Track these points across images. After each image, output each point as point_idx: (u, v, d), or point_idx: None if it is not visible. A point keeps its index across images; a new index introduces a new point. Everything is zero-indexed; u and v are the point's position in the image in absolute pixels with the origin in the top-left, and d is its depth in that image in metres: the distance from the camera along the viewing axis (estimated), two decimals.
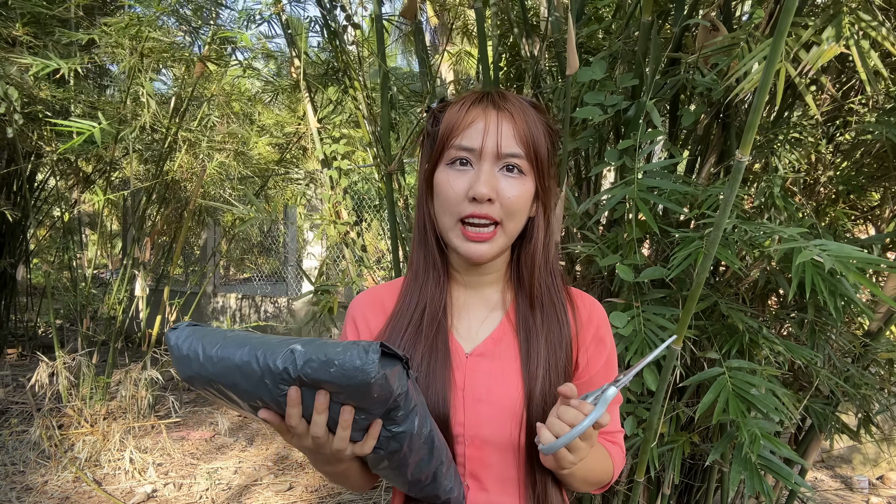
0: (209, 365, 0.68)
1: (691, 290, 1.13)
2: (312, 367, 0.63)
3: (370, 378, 0.62)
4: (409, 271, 0.91)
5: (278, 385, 0.65)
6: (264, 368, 0.64)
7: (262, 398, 0.67)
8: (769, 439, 1.22)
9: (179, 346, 0.71)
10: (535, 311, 0.86)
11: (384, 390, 0.64)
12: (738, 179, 1.01)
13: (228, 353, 0.67)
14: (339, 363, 0.62)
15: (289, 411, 0.66)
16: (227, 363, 0.66)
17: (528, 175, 0.82)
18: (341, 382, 0.62)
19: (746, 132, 0.96)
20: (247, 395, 0.67)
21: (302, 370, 0.63)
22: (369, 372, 0.62)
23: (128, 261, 4.15)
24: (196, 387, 0.72)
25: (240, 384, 0.66)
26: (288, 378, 0.64)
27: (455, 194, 0.80)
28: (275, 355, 0.64)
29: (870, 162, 1.67)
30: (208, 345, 0.69)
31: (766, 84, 0.92)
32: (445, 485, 0.79)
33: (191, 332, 0.71)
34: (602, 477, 0.87)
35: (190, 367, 0.69)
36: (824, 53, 0.99)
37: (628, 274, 1.28)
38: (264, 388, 0.65)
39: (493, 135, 0.80)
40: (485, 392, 0.83)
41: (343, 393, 0.64)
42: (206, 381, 0.69)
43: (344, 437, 0.67)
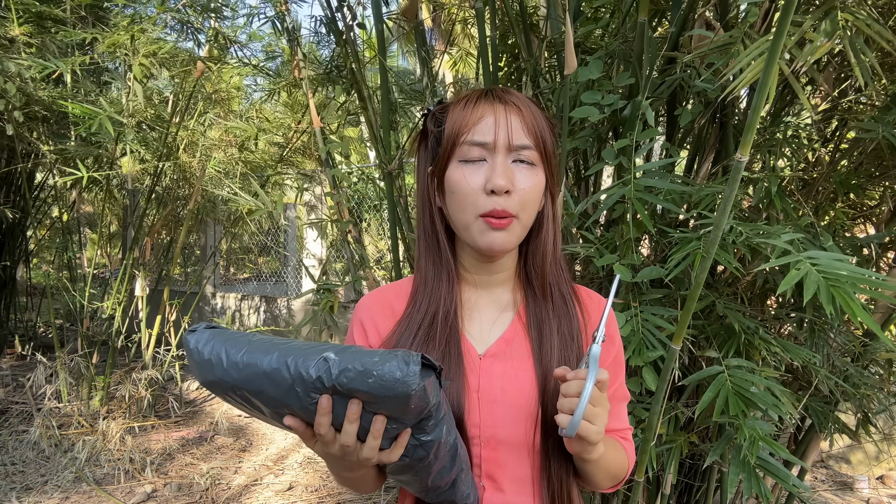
0: (234, 371, 0.65)
1: (690, 290, 1.13)
2: (348, 376, 0.61)
3: (410, 390, 0.60)
4: (417, 276, 0.91)
5: (309, 394, 0.63)
6: (295, 376, 0.62)
7: (290, 406, 0.65)
8: (768, 442, 1.22)
9: (200, 349, 0.68)
10: (546, 305, 0.87)
11: (422, 401, 0.63)
12: (738, 179, 1.00)
13: (255, 358, 0.64)
14: (378, 374, 0.60)
15: (319, 420, 0.65)
16: (255, 370, 0.64)
17: (538, 166, 0.83)
18: (379, 393, 0.61)
19: (746, 132, 0.96)
20: (273, 403, 0.65)
21: (337, 380, 0.61)
22: (410, 384, 0.60)
23: (127, 260, 4.15)
24: (216, 392, 0.69)
25: (267, 391, 0.64)
26: (321, 387, 0.62)
27: (473, 189, 0.81)
28: (307, 363, 0.62)
29: (868, 161, 1.67)
30: (232, 349, 0.66)
31: (765, 84, 0.92)
32: (463, 490, 0.79)
33: (212, 336, 0.69)
34: (619, 469, 0.88)
35: (212, 373, 0.66)
36: (818, 50, 0.99)
37: (626, 274, 1.28)
38: (294, 396, 0.63)
39: (503, 127, 0.80)
40: (499, 393, 0.84)
41: (378, 403, 0.63)
42: (228, 387, 0.66)
43: (374, 447, 0.67)
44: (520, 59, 1.90)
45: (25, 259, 5.69)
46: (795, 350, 1.37)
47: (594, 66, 1.30)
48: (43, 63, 2.51)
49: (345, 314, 4.53)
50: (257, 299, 6.60)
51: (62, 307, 6.31)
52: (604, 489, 0.90)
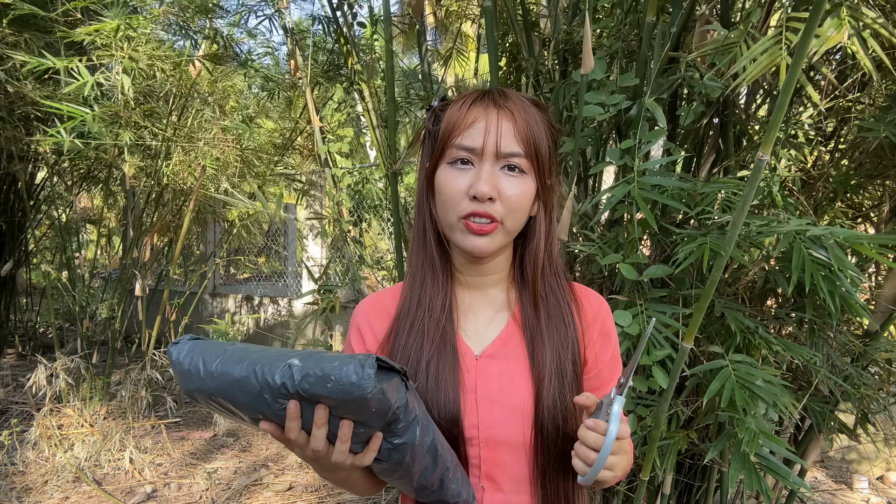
0: (209, 380, 0.68)
1: (705, 289, 1.13)
2: (310, 381, 0.63)
3: (366, 393, 0.62)
4: (407, 272, 0.91)
5: (277, 399, 0.65)
6: (262, 383, 0.65)
7: (262, 412, 0.67)
8: (768, 437, 1.23)
9: (181, 361, 0.71)
10: (538, 311, 0.86)
11: (382, 404, 0.64)
12: (758, 177, 1.01)
13: (228, 367, 0.67)
14: (336, 378, 0.62)
15: (288, 424, 0.66)
16: (227, 378, 0.67)
17: (528, 174, 0.82)
18: (338, 397, 0.62)
19: (769, 130, 0.96)
20: (247, 409, 0.68)
21: (300, 385, 0.63)
22: (365, 387, 0.61)
23: (127, 261, 4.15)
24: (198, 400, 0.72)
25: (239, 399, 0.67)
26: (286, 393, 0.64)
27: (457, 193, 0.81)
28: (273, 370, 0.64)
29: (868, 161, 1.68)
30: (208, 359, 0.69)
31: (790, 83, 0.92)
32: (453, 489, 0.79)
33: (192, 347, 0.72)
34: (627, 467, 0.88)
35: (192, 382, 0.70)
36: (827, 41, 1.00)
37: (631, 272, 1.29)
38: (264, 402, 0.66)
39: (493, 134, 0.80)
40: (497, 393, 0.84)
41: (341, 407, 0.64)
42: (207, 395, 0.69)
43: (343, 451, 0.68)
44: (519, 59, 1.91)
45: (25, 259, 5.68)
46: (796, 349, 1.37)
47: (597, 67, 1.31)
48: (40, 60, 2.51)
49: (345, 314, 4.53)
50: (257, 299, 6.59)
51: (62, 307, 6.31)
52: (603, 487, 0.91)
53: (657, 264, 1.31)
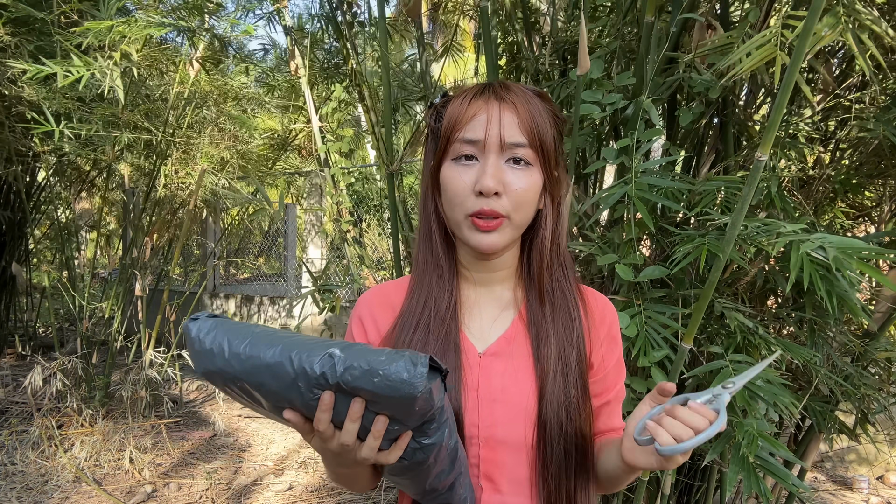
0: (235, 362, 0.64)
1: (704, 289, 1.13)
2: (353, 374, 0.60)
3: (417, 392, 0.59)
4: (413, 270, 0.90)
5: (312, 389, 0.62)
6: (299, 371, 0.61)
7: (290, 400, 0.63)
8: (767, 439, 1.22)
9: (202, 338, 0.67)
10: (544, 306, 0.85)
11: (427, 404, 0.62)
12: (757, 178, 1.01)
13: (258, 351, 0.63)
14: (384, 374, 0.59)
15: (319, 416, 0.64)
16: (257, 362, 0.63)
17: (534, 165, 0.81)
18: (384, 393, 0.60)
19: (767, 130, 0.96)
20: (273, 396, 0.64)
21: (342, 377, 0.60)
22: (416, 386, 0.59)
23: (127, 261, 4.15)
24: (215, 383, 0.68)
25: (268, 384, 0.63)
26: (324, 383, 0.61)
27: (462, 189, 0.79)
28: (311, 358, 0.61)
29: (868, 160, 1.67)
30: (235, 340, 0.65)
31: (789, 82, 0.92)
32: (460, 494, 0.77)
33: (214, 325, 0.67)
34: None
35: (213, 363, 0.65)
36: (821, 39, 1.00)
37: (628, 273, 1.28)
38: (296, 391, 0.62)
39: (496, 126, 0.78)
40: (499, 392, 0.82)
41: (381, 403, 0.62)
42: (228, 378, 0.65)
43: (374, 447, 0.66)
44: (519, 58, 1.90)
45: (25, 259, 5.69)
46: (796, 349, 1.37)
47: (595, 66, 1.31)
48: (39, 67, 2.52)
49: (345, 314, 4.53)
50: (257, 299, 6.59)
51: (62, 307, 6.31)
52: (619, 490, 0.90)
53: (654, 265, 1.31)
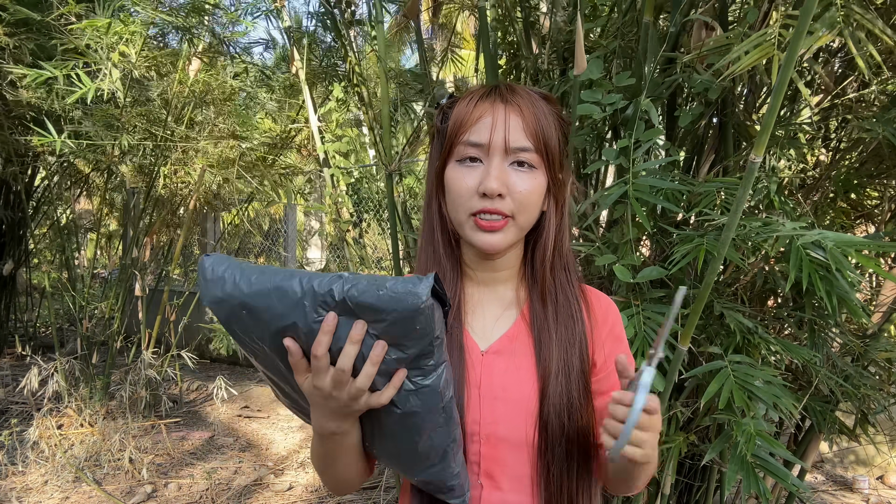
0: (245, 285, 0.65)
1: (700, 290, 1.13)
2: (359, 289, 0.61)
3: (420, 303, 0.60)
4: (416, 269, 0.91)
5: (317, 308, 0.63)
6: (307, 289, 0.63)
7: (293, 323, 0.64)
8: (766, 438, 1.22)
9: (215, 268, 0.68)
10: (546, 307, 0.86)
11: (428, 323, 0.63)
12: (751, 180, 1.01)
13: (268, 276, 0.65)
14: (391, 286, 0.61)
15: (319, 338, 0.64)
16: (266, 285, 0.65)
17: (538, 168, 0.82)
18: (388, 307, 0.61)
19: (761, 132, 0.96)
20: (275, 321, 0.65)
21: (348, 293, 0.62)
22: (420, 296, 0.60)
23: (127, 261, 4.15)
24: (221, 313, 0.69)
25: (274, 307, 0.64)
26: (331, 301, 0.62)
27: (466, 190, 0.80)
28: (320, 278, 0.63)
29: (869, 161, 1.67)
30: (248, 270, 0.67)
31: (782, 85, 0.92)
32: (453, 468, 0.76)
33: (229, 260, 0.70)
34: (655, 467, 0.85)
35: (222, 289, 0.67)
36: (818, 40, 1.00)
37: (626, 274, 1.28)
38: (300, 310, 0.63)
39: (501, 129, 0.79)
40: (500, 390, 0.83)
41: (384, 321, 0.62)
42: (236, 303, 0.66)
43: (370, 374, 0.66)
44: (518, 57, 1.90)
45: (25, 259, 5.69)
46: (795, 349, 1.37)
47: (594, 66, 1.31)
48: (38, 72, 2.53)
49: None
50: None
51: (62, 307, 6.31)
52: (640, 489, 0.88)
53: (652, 266, 1.31)
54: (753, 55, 1.01)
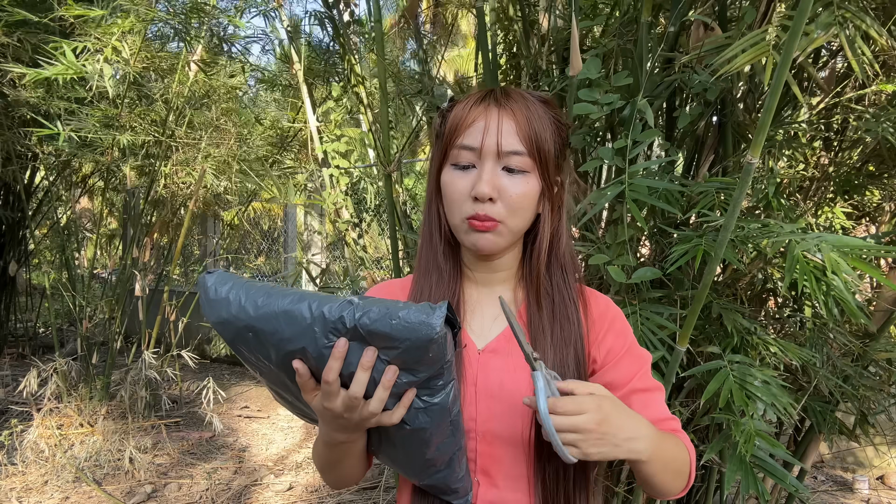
0: (251, 308, 0.65)
1: (697, 292, 1.13)
2: (371, 317, 0.61)
3: (434, 333, 0.60)
4: (415, 270, 0.92)
5: (327, 334, 0.63)
6: (317, 315, 0.62)
7: (302, 348, 0.64)
8: (765, 438, 1.22)
9: (217, 288, 0.67)
10: (542, 310, 0.86)
11: (440, 350, 0.63)
12: (748, 181, 1.00)
13: (275, 299, 0.64)
14: (403, 316, 0.60)
15: (331, 364, 0.64)
16: (273, 308, 0.64)
17: (531, 173, 0.82)
18: (401, 336, 0.61)
19: (757, 133, 0.96)
20: (285, 345, 0.64)
21: (359, 320, 0.61)
22: (434, 326, 0.60)
23: (127, 261, 4.16)
24: (226, 333, 0.68)
25: (281, 331, 0.64)
26: (342, 328, 0.62)
27: (459, 194, 0.82)
28: (330, 304, 0.62)
29: (869, 159, 1.67)
30: (252, 290, 0.66)
31: (778, 85, 0.92)
32: (457, 472, 0.78)
33: (231, 278, 0.68)
34: (681, 463, 0.82)
35: (227, 310, 0.66)
36: (814, 41, 1.00)
37: (620, 275, 1.28)
38: (310, 336, 0.63)
39: (493, 133, 0.80)
40: (497, 388, 0.84)
41: (395, 349, 0.62)
42: (241, 326, 0.65)
43: (382, 399, 0.66)
44: (518, 56, 1.90)
45: (25, 259, 5.69)
46: (794, 350, 1.37)
47: (591, 65, 1.30)
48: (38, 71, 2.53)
49: None
50: None
51: (62, 308, 6.31)
52: (676, 492, 0.84)
53: (646, 266, 1.31)
54: (748, 55, 1.01)
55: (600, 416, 0.70)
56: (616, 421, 0.71)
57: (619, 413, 0.73)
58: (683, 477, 0.84)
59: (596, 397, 0.71)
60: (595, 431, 0.69)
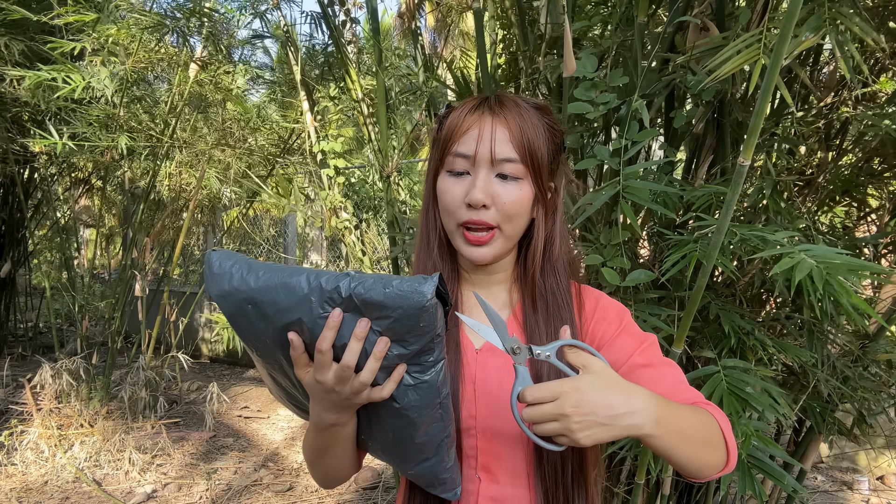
0: (251, 280, 0.67)
1: (691, 295, 1.12)
2: (366, 286, 0.63)
3: (425, 301, 0.62)
4: (412, 271, 0.94)
5: (323, 304, 0.65)
6: (314, 285, 0.65)
7: (299, 318, 0.66)
8: (762, 439, 1.22)
9: (222, 263, 0.70)
10: (537, 312, 0.88)
11: (431, 320, 0.65)
12: (740, 184, 1.00)
13: (275, 272, 0.67)
14: (396, 284, 0.63)
15: (324, 333, 0.66)
16: (273, 280, 0.67)
17: (524, 179, 0.83)
18: (394, 304, 0.63)
19: (749, 136, 0.95)
20: (280, 316, 0.67)
21: (354, 290, 0.64)
22: (426, 294, 0.62)
23: (127, 261, 4.16)
24: (226, 305, 0.71)
25: (279, 302, 0.66)
26: (337, 297, 0.64)
27: (453, 200, 0.83)
28: (328, 276, 0.65)
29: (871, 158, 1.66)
30: (255, 265, 0.69)
31: (768, 88, 0.91)
32: (446, 462, 0.78)
33: (235, 255, 0.71)
34: (706, 433, 0.75)
35: (229, 283, 0.68)
36: (801, 44, 1.00)
37: (614, 277, 1.28)
38: (306, 306, 0.65)
39: (487, 141, 0.82)
40: (496, 385, 0.85)
41: (388, 318, 0.64)
42: (240, 298, 0.68)
43: (373, 370, 0.68)
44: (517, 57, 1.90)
45: (25, 260, 5.69)
46: (793, 350, 1.36)
47: (588, 63, 1.30)
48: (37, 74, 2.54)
49: None
50: None
51: (62, 308, 6.32)
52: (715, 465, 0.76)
53: (640, 269, 1.30)
54: (739, 58, 1.01)
55: (577, 397, 0.66)
56: (597, 399, 0.66)
57: (602, 390, 0.67)
58: (716, 448, 0.76)
59: (572, 379, 0.68)
60: (574, 415, 0.65)
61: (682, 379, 0.85)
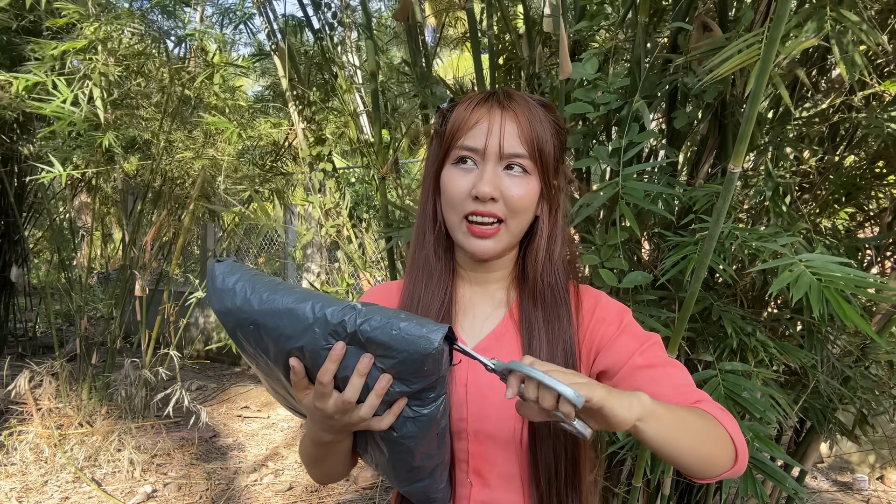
0: (255, 301, 0.66)
1: (686, 299, 1.12)
2: (372, 325, 0.62)
3: (432, 348, 0.61)
4: (407, 269, 0.93)
5: (327, 336, 0.64)
6: (319, 316, 0.63)
7: (301, 346, 0.65)
8: (762, 441, 1.22)
9: (225, 278, 0.69)
10: (537, 309, 0.87)
11: (436, 365, 0.64)
12: (731, 190, 1.00)
13: (279, 295, 0.65)
14: (404, 328, 0.62)
15: (326, 366, 0.65)
16: (277, 304, 0.65)
17: (532, 174, 0.83)
18: (399, 347, 0.62)
19: (739, 142, 0.95)
20: (283, 342, 0.65)
21: (360, 326, 0.62)
22: (433, 342, 0.61)
23: (126, 261, 4.15)
24: (228, 323, 0.69)
25: (283, 328, 0.65)
26: (342, 332, 0.63)
27: (459, 192, 0.82)
28: (333, 307, 0.63)
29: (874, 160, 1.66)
30: (258, 285, 0.67)
31: (758, 93, 0.91)
32: (438, 484, 0.79)
33: (241, 268, 0.69)
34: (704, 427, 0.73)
35: (232, 301, 0.67)
36: (800, 45, 0.99)
37: (611, 278, 1.27)
38: (310, 336, 0.64)
39: (496, 135, 0.81)
40: (488, 388, 0.84)
41: (392, 358, 0.63)
42: (243, 318, 0.67)
43: (373, 405, 0.67)
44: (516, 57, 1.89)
45: (23, 260, 5.69)
46: (793, 350, 1.36)
47: (589, 64, 1.30)
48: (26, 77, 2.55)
49: None
50: None
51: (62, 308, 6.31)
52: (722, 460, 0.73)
53: (637, 271, 1.30)
54: (737, 59, 1.00)
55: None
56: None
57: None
58: (718, 447, 0.73)
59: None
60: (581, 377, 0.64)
61: (687, 380, 0.83)
